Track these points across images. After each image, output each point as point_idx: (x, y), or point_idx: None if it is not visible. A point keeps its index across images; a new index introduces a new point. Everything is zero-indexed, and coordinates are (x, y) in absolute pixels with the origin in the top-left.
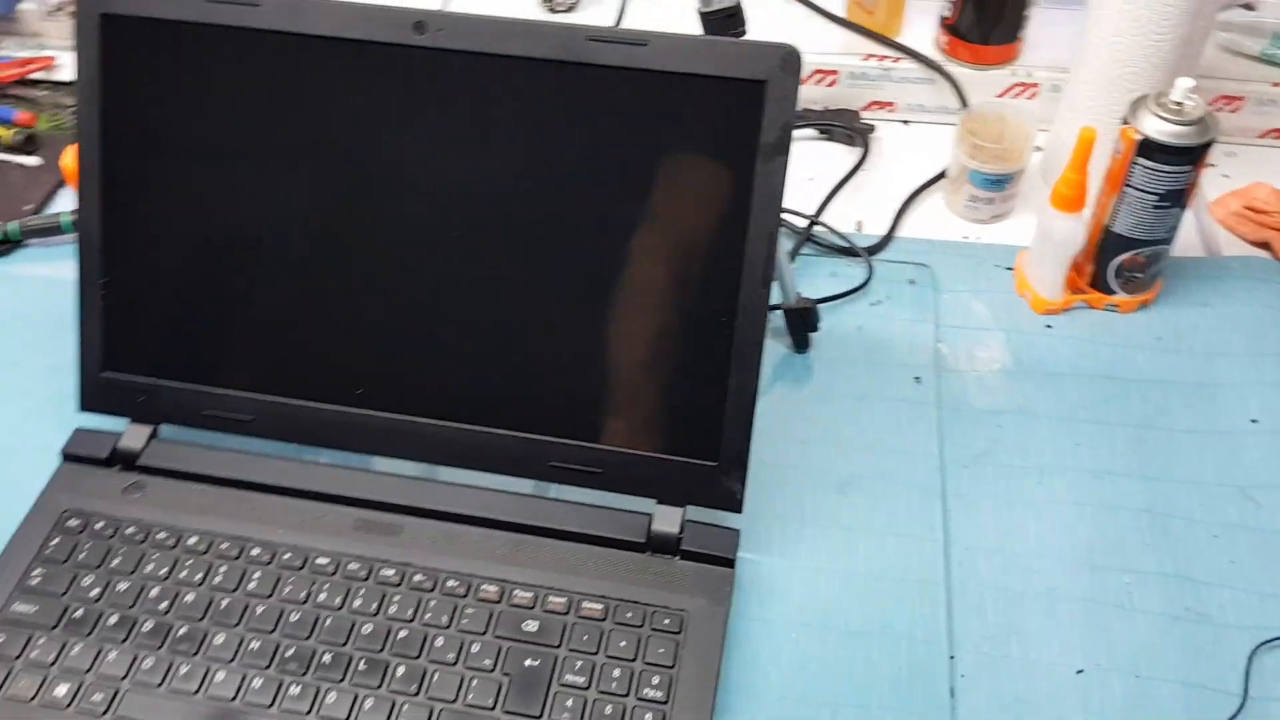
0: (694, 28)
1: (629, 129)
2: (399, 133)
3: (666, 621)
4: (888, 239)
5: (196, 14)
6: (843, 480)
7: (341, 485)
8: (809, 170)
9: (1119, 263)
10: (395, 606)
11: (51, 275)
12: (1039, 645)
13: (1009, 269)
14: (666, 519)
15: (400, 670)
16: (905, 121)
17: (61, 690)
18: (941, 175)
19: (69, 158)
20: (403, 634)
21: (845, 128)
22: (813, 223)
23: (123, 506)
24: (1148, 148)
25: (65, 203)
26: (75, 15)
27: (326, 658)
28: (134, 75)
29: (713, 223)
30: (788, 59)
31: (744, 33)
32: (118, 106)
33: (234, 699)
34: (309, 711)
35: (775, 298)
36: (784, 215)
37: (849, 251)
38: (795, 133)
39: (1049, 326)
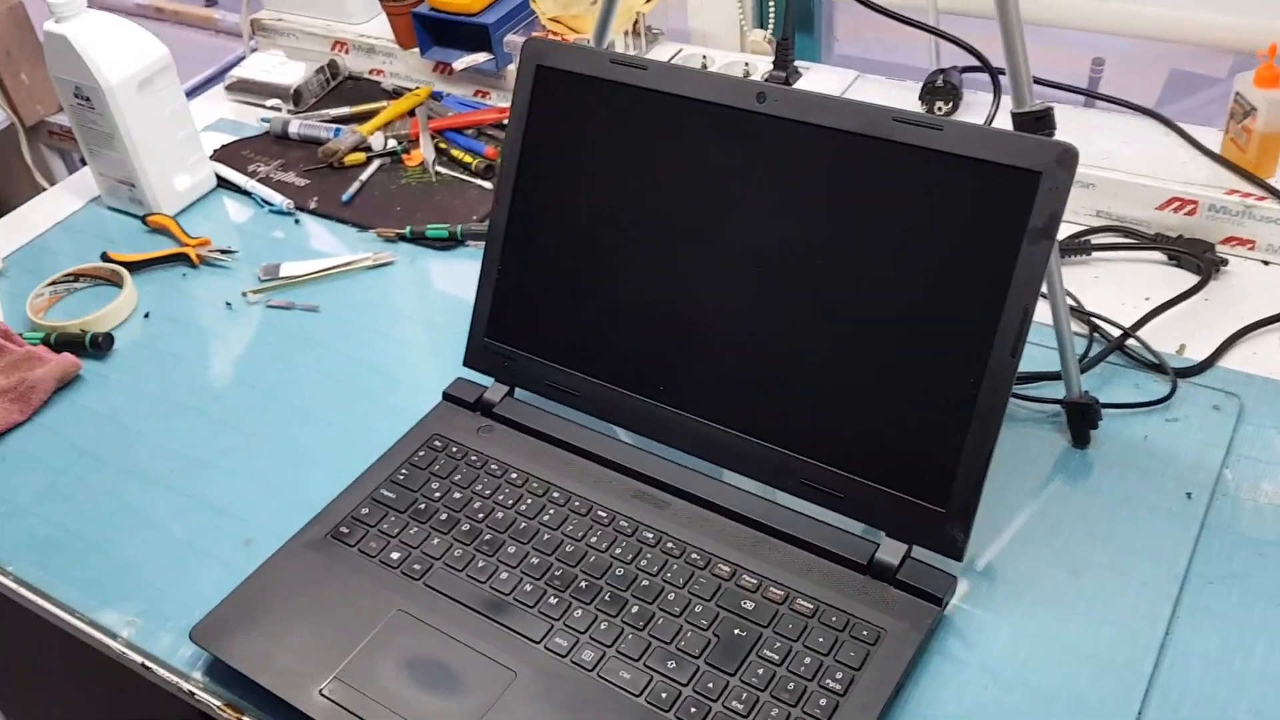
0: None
1: (917, 199)
2: (736, 181)
3: (864, 633)
4: (1205, 365)
5: (602, 71)
6: (1080, 565)
7: (632, 460)
8: (1148, 290)
9: None
10: (646, 561)
11: (474, 267)
12: None
13: None
14: (890, 550)
15: (635, 609)
16: (1265, 262)
17: (395, 555)
18: (1276, 318)
19: None
20: (645, 583)
21: (1194, 257)
22: (1126, 334)
23: (474, 440)
24: None
25: None
26: (519, 63)
27: (583, 584)
28: (549, 114)
29: (977, 291)
30: (1064, 156)
31: (1052, 134)
32: (534, 136)
33: (508, 594)
34: (558, 619)
35: (1054, 394)
36: (1100, 323)
37: (1157, 368)
38: (1145, 254)
39: None
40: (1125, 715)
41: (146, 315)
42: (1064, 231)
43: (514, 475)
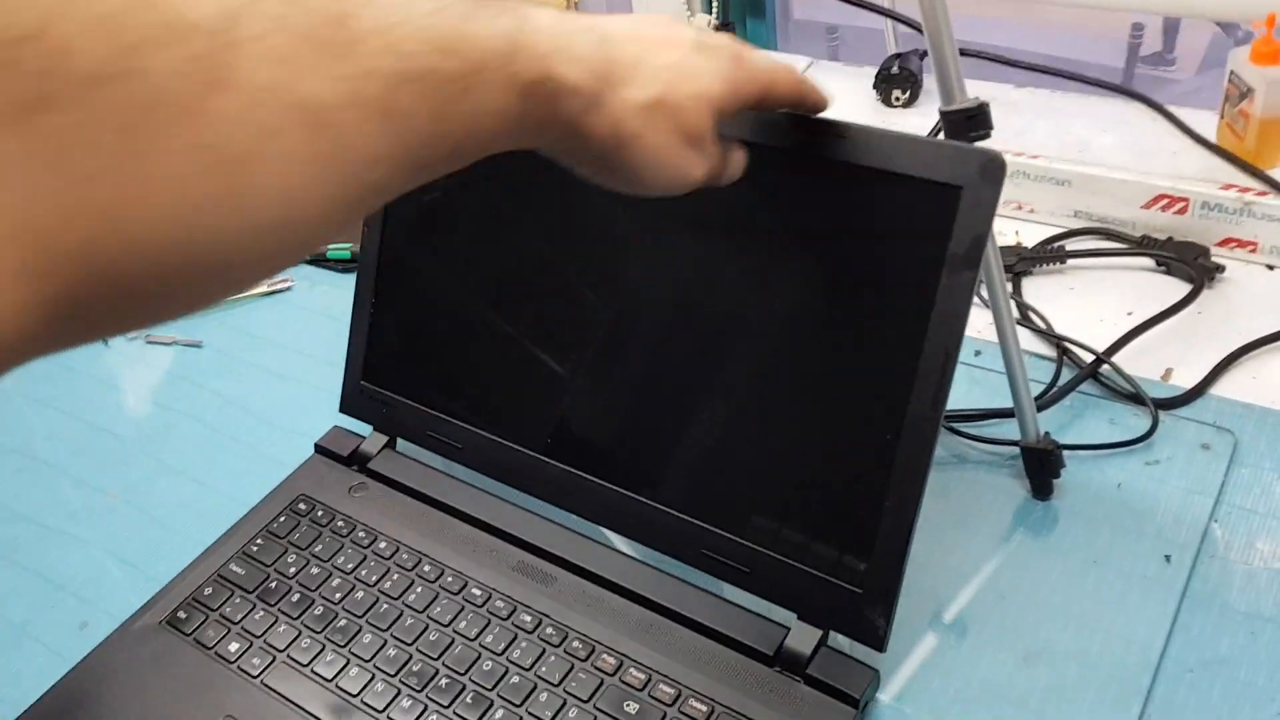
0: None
1: (819, 221)
2: (615, 206)
3: None
4: (1195, 394)
5: None
6: (1033, 649)
7: (517, 527)
8: (1133, 303)
9: None
10: (519, 652)
11: None
12: None
13: None
14: (801, 638)
15: (498, 715)
16: (1270, 266)
17: (233, 647)
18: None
19: None
20: (514, 680)
21: (1185, 263)
22: (1099, 360)
23: (344, 502)
24: None
25: None
26: None
27: (443, 682)
28: None
29: (888, 333)
30: (989, 166)
31: (987, 136)
32: None
33: (355, 696)
34: None
35: (1014, 433)
36: (1070, 348)
37: (1136, 399)
38: (1129, 260)
39: None
40: None
41: None
42: (1036, 235)
43: (383, 545)
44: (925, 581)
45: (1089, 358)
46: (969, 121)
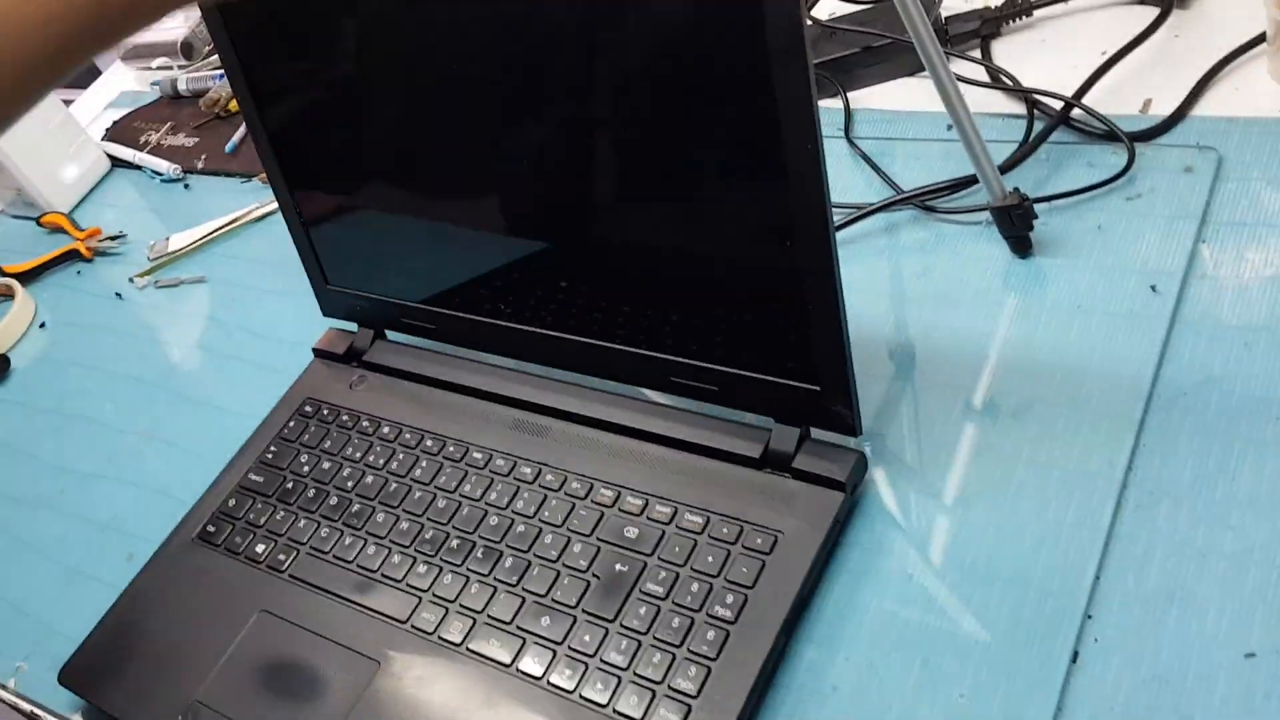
0: None
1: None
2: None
3: (759, 541)
4: (1174, 120)
5: None
6: (1020, 403)
7: (507, 388)
8: (1105, 43)
9: None
10: (522, 502)
11: None
12: (1206, 617)
13: None
14: (783, 437)
15: (508, 562)
16: None
17: (260, 549)
18: (1261, 38)
19: None
20: (520, 529)
21: None
22: (1069, 105)
23: (347, 397)
24: None
25: None
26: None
27: (454, 543)
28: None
29: (745, 138)
30: None
31: None
32: (253, 71)
33: (375, 571)
34: (426, 590)
35: (983, 196)
36: (1040, 99)
37: (1112, 137)
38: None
39: None
40: (1079, 584)
41: (43, 325)
42: None
43: (386, 430)
44: (913, 362)
45: (1059, 106)
46: None
